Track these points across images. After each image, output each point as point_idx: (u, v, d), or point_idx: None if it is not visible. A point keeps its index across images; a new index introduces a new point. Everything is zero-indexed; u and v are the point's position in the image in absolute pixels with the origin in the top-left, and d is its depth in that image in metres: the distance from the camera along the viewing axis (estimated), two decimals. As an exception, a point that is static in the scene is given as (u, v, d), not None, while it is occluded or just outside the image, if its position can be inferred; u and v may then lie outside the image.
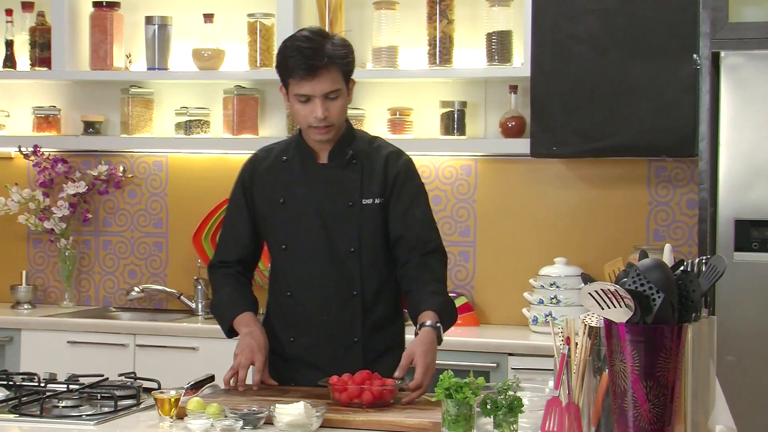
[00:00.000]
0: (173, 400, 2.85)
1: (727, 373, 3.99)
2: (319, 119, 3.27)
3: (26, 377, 3.36)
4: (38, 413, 2.97)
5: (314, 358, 3.37)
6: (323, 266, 3.36)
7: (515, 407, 2.63)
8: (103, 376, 3.34)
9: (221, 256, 3.54)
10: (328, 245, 3.36)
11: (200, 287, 5.28)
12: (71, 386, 3.23)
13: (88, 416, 2.96)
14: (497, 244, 5.09)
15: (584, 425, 2.55)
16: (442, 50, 4.95)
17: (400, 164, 3.41)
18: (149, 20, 5.31)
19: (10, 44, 5.48)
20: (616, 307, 2.41)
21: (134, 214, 5.52)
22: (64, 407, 3.05)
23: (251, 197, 3.47)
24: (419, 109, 5.14)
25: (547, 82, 4.70)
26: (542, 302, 4.76)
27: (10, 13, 5.48)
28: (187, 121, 5.34)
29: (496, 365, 4.49)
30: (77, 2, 5.38)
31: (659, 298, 2.39)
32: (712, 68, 4.40)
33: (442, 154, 5.12)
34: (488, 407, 2.64)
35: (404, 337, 3.49)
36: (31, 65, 5.44)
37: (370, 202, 3.36)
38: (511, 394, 2.66)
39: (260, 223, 3.46)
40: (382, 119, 5.11)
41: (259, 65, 5.18)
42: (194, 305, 5.29)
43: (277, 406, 2.80)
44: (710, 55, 4.42)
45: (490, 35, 4.94)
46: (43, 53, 5.39)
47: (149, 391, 3.12)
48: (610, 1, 4.62)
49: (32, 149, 5.40)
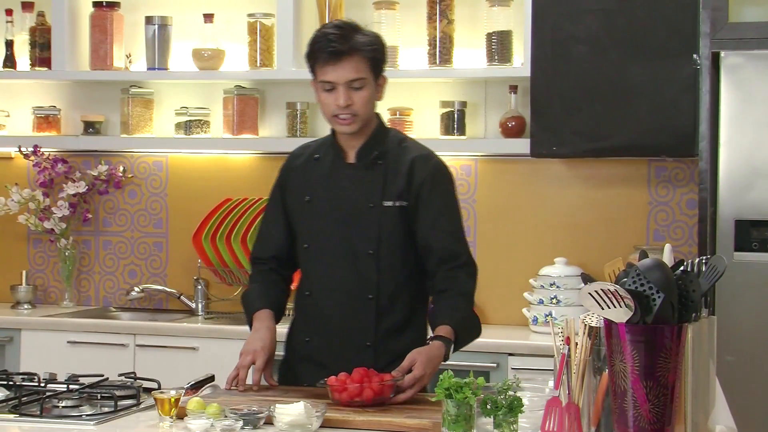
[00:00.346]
0: (173, 400, 2.85)
1: (727, 373, 3.98)
2: (341, 107, 3.24)
3: (26, 377, 3.36)
4: (38, 413, 2.97)
5: (327, 359, 3.33)
6: (341, 267, 3.33)
7: (515, 407, 2.63)
8: (103, 376, 3.34)
9: (256, 252, 3.53)
10: (347, 246, 3.33)
11: (200, 287, 5.28)
12: (71, 386, 3.23)
13: (88, 416, 2.96)
14: (497, 244, 5.09)
15: (584, 425, 2.55)
16: (442, 50, 4.95)
17: (427, 169, 3.35)
18: (149, 20, 5.31)
19: (10, 44, 5.48)
20: (616, 307, 2.41)
21: (134, 214, 5.52)
22: (64, 407, 3.04)
23: (285, 194, 3.45)
24: (419, 109, 5.14)
25: (547, 82, 4.70)
26: (542, 302, 4.76)
27: (10, 13, 5.48)
28: (187, 121, 5.34)
29: (496, 365, 4.49)
30: (77, 2, 5.38)
31: (659, 298, 2.39)
32: (712, 68, 4.40)
33: (442, 154, 5.04)
34: (488, 407, 2.64)
35: (421, 344, 3.36)
36: (31, 65, 5.44)
37: (390, 204, 3.31)
38: (511, 394, 2.65)
39: (291, 220, 3.44)
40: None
41: (259, 65, 5.18)
42: (194, 305, 5.29)
43: (277, 406, 2.80)
44: (710, 55, 4.42)
45: (490, 35, 4.94)
46: (43, 53, 5.39)
47: (149, 391, 3.12)
48: (610, 1, 4.62)
49: (32, 149, 5.41)
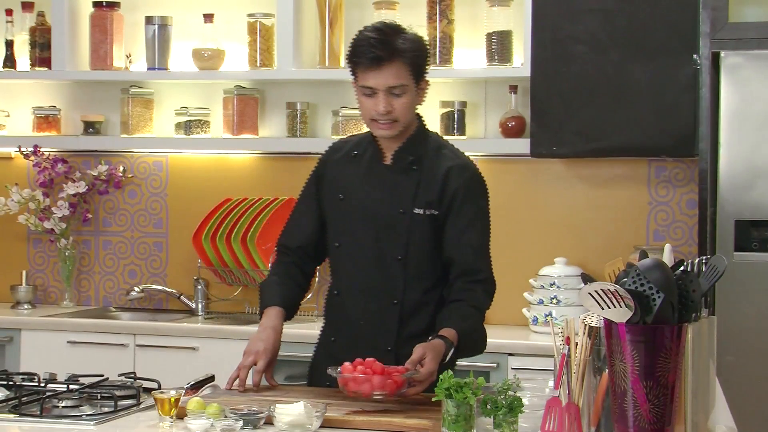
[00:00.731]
0: (173, 400, 2.85)
1: (727, 373, 3.99)
2: (380, 113, 3.21)
3: (26, 377, 3.36)
4: (38, 413, 2.97)
5: (350, 360, 3.27)
6: (369, 270, 3.31)
7: (515, 407, 2.64)
8: (103, 376, 3.34)
9: (283, 239, 3.49)
10: (376, 249, 3.30)
11: (200, 287, 5.28)
12: (71, 386, 3.23)
13: (88, 416, 2.96)
14: (497, 244, 5.03)
15: (584, 425, 2.55)
16: (442, 50, 4.95)
17: (462, 179, 3.29)
18: (149, 20, 5.31)
19: (10, 44, 5.48)
20: (616, 307, 2.41)
21: (134, 214, 5.52)
22: (64, 407, 3.04)
23: (320, 186, 3.42)
24: (419, 108, 5.12)
25: (547, 82, 4.70)
26: (542, 302, 4.76)
27: (10, 13, 5.48)
28: (187, 121, 5.34)
29: (496, 365, 4.49)
30: (77, 2, 5.38)
31: (659, 298, 2.39)
32: (712, 68, 4.40)
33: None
34: (488, 407, 2.64)
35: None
36: (31, 65, 5.44)
37: (421, 212, 3.27)
38: (511, 394, 2.66)
39: (324, 215, 3.41)
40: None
41: (259, 65, 5.18)
42: (194, 305, 5.29)
43: (277, 406, 2.80)
44: (710, 55, 4.42)
45: (490, 35, 4.94)
46: (43, 53, 5.39)
47: (149, 391, 3.12)
48: (610, 1, 4.62)
49: (32, 149, 5.40)
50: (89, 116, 5.48)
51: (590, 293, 2.42)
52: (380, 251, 3.29)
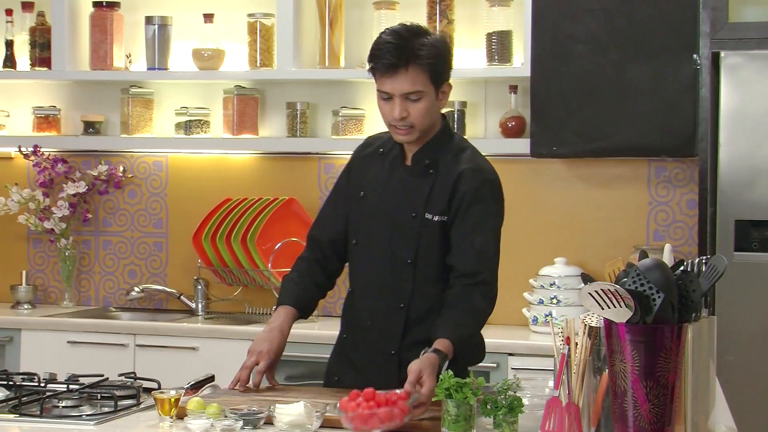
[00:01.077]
0: (173, 400, 2.85)
1: (727, 373, 3.99)
2: (396, 119, 3.19)
3: (26, 377, 3.36)
4: (38, 413, 2.97)
5: (357, 359, 3.33)
6: (381, 271, 3.29)
7: (515, 407, 2.64)
8: (103, 376, 3.34)
9: (314, 232, 3.46)
10: (389, 251, 3.27)
11: (200, 287, 5.28)
12: (71, 386, 3.23)
13: (88, 416, 2.96)
14: (497, 244, 5.08)
15: (584, 425, 2.55)
16: (442, 50, 4.94)
17: (472, 182, 3.24)
18: (149, 20, 5.31)
19: (10, 44, 5.48)
20: (616, 307, 2.41)
21: (134, 214, 5.52)
22: (64, 407, 3.05)
23: (350, 180, 3.40)
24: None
25: (547, 82, 4.70)
26: (542, 302, 4.76)
27: (10, 13, 5.48)
28: (187, 121, 5.34)
29: (496, 365, 4.48)
30: (77, 2, 5.38)
31: (659, 298, 2.39)
32: (712, 68, 4.40)
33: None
34: (488, 407, 2.65)
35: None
36: (31, 65, 5.44)
37: (430, 217, 3.24)
38: (511, 394, 2.66)
39: (347, 209, 3.39)
40: (381, 119, 5.10)
41: (259, 65, 5.18)
42: (194, 305, 5.29)
43: (277, 406, 2.80)
44: (710, 55, 4.42)
45: (490, 35, 4.94)
46: (43, 53, 5.39)
47: (149, 391, 3.12)
48: (610, 1, 4.62)
49: (32, 149, 5.40)
50: (89, 116, 5.48)
51: (590, 293, 2.42)
52: (392, 253, 3.27)
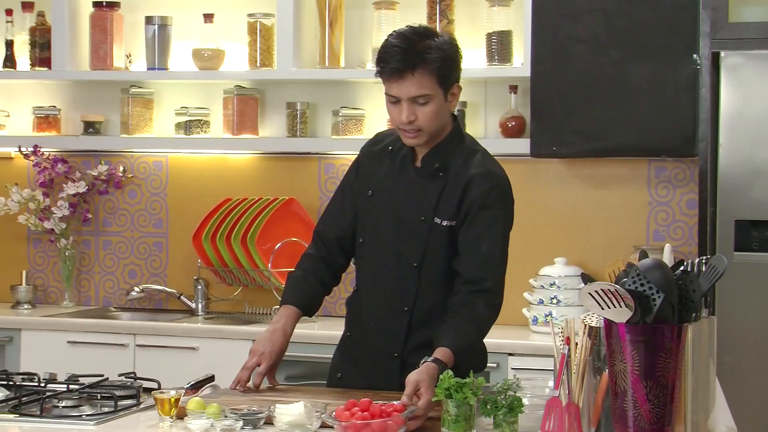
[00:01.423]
0: (173, 400, 2.85)
1: (727, 373, 3.99)
2: (404, 123, 3.15)
3: (26, 377, 3.36)
4: (38, 413, 2.97)
5: (359, 358, 3.32)
6: (385, 273, 3.26)
7: (515, 407, 2.63)
8: (103, 376, 3.34)
9: (321, 228, 3.44)
10: (395, 253, 3.25)
11: (200, 287, 5.28)
12: (71, 386, 3.23)
13: (88, 416, 2.96)
14: (497, 244, 5.08)
15: (584, 425, 2.55)
16: (442, 50, 4.94)
17: (482, 188, 3.19)
18: (149, 20, 5.31)
19: (10, 44, 5.48)
20: (616, 307, 2.41)
21: (134, 214, 5.52)
22: (64, 407, 3.05)
23: (358, 176, 3.38)
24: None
25: (547, 82, 4.70)
26: (542, 302, 4.76)
27: (10, 13, 5.48)
28: (187, 121, 5.34)
29: (496, 365, 4.48)
30: (77, 2, 5.38)
31: (659, 298, 2.39)
32: (712, 68, 4.41)
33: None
34: (488, 407, 2.64)
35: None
36: (31, 65, 5.44)
37: (439, 222, 3.21)
38: (511, 394, 2.66)
39: (355, 206, 3.37)
40: (382, 119, 5.11)
41: (259, 65, 5.18)
42: (194, 305, 5.29)
43: (277, 406, 2.80)
44: (710, 55, 4.42)
45: (490, 35, 4.94)
46: (43, 53, 5.39)
47: (149, 391, 3.12)
48: (610, 1, 4.62)
49: (32, 149, 5.40)
50: (89, 116, 5.48)
51: (590, 293, 2.42)
52: (399, 255, 3.25)
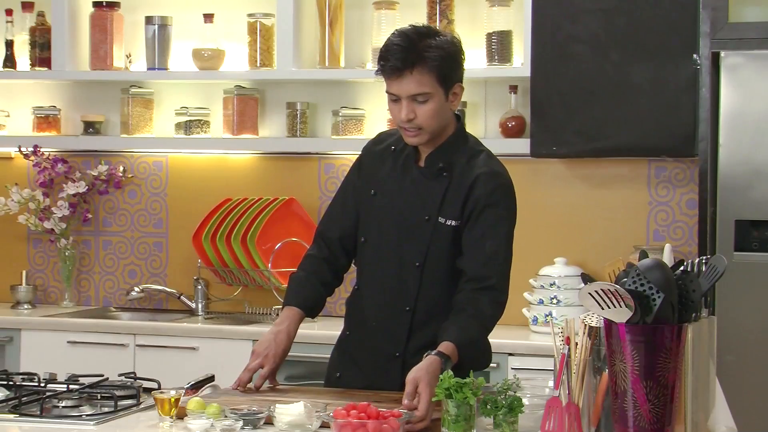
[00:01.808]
0: (173, 400, 2.85)
1: (727, 373, 3.99)
2: (403, 121, 3.15)
3: (26, 377, 3.36)
4: (38, 413, 2.97)
5: (360, 358, 3.31)
6: (388, 271, 3.26)
7: (515, 407, 2.63)
8: (103, 376, 3.34)
9: (323, 228, 3.43)
10: (397, 252, 3.24)
11: (200, 287, 5.28)
12: (71, 386, 3.23)
13: (88, 416, 2.96)
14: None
15: (584, 425, 2.55)
16: (442, 50, 4.94)
17: (486, 187, 3.19)
18: (149, 20, 5.31)
19: (10, 44, 5.48)
20: (616, 307, 2.41)
21: (134, 214, 5.52)
22: (64, 407, 3.05)
23: (360, 175, 3.37)
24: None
25: (547, 82, 4.70)
26: (542, 302, 4.76)
27: (10, 13, 5.48)
28: (187, 121, 5.34)
29: (496, 365, 4.48)
30: (77, 2, 5.38)
31: (659, 298, 2.39)
32: (712, 68, 4.41)
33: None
34: (488, 407, 2.64)
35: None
36: (31, 65, 5.44)
37: (443, 221, 3.21)
38: (511, 394, 2.66)
39: (356, 205, 3.37)
40: (382, 119, 5.11)
41: (259, 65, 5.18)
42: (194, 305, 5.29)
43: (277, 406, 2.80)
44: (710, 55, 4.42)
45: (490, 35, 4.94)
46: (43, 53, 5.39)
47: (149, 391, 3.12)
48: (610, 1, 4.62)
49: (32, 149, 5.40)
50: (89, 116, 5.48)
51: (590, 293, 2.42)
52: (401, 255, 3.24)
